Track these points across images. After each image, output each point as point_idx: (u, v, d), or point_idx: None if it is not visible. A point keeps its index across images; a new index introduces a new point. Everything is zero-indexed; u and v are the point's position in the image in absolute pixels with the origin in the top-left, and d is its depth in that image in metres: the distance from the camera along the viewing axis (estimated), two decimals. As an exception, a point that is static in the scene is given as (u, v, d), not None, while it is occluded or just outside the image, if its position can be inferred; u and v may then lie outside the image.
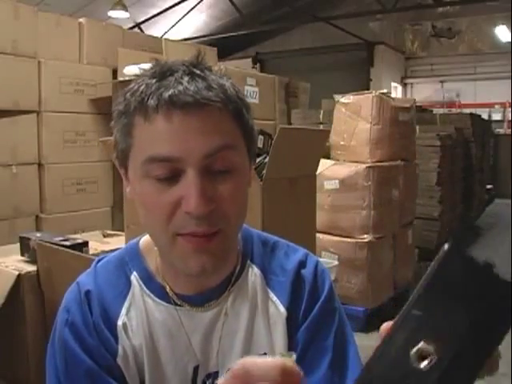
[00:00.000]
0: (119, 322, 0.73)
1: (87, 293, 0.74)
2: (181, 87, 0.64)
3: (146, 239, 0.80)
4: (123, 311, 0.74)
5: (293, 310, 0.79)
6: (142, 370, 0.74)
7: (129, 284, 0.76)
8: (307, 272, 0.81)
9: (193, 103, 0.63)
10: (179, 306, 0.75)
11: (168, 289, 0.75)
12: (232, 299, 0.77)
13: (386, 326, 0.39)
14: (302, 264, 0.82)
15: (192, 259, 0.66)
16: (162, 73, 0.66)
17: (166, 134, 0.64)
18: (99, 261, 0.80)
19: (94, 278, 0.76)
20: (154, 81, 0.65)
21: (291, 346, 0.78)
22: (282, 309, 0.78)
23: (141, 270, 0.77)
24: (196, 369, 0.75)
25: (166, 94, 0.63)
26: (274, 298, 0.79)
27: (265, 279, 0.80)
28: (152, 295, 0.75)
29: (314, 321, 0.78)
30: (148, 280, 0.76)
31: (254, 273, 0.80)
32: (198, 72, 0.66)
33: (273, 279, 0.80)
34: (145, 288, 0.76)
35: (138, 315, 0.74)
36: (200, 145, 0.64)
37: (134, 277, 0.76)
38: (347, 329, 0.80)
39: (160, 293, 0.75)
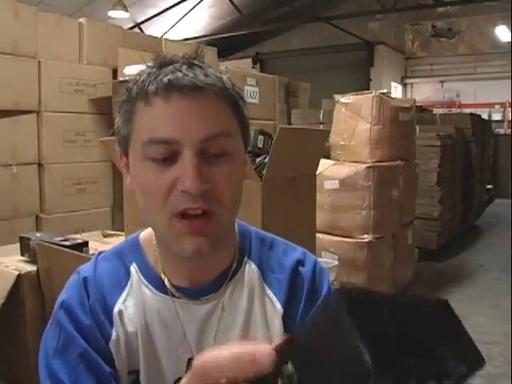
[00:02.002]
0: (115, 309, 0.75)
1: (85, 278, 0.76)
2: (179, 73, 0.67)
3: (146, 233, 0.82)
4: (120, 299, 0.76)
5: (290, 308, 0.79)
6: (133, 357, 0.75)
7: (128, 274, 0.78)
8: (306, 270, 0.82)
9: (191, 86, 0.66)
10: (176, 297, 0.76)
11: (166, 281, 0.77)
12: (229, 294, 0.78)
13: None
14: (301, 262, 0.82)
15: (187, 241, 0.68)
16: (162, 63, 0.70)
17: (165, 117, 0.67)
18: (100, 253, 0.83)
19: (93, 267, 0.79)
20: (155, 69, 0.69)
21: None
22: (279, 305, 0.79)
23: (140, 261, 0.79)
24: (190, 361, 0.76)
25: (166, 78, 0.67)
26: (271, 295, 0.80)
27: (262, 275, 0.81)
28: (150, 286, 0.77)
29: None
30: (147, 271, 0.78)
31: (251, 269, 0.81)
32: (196, 62, 0.70)
33: (270, 276, 0.81)
34: (143, 279, 0.77)
35: (135, 304, 0.76)
36: (198, 129, 0.66)
37: (134, 268, 0.78)
38: None
39: (158, 284, 0.77)
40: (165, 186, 0.67)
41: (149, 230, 0.81)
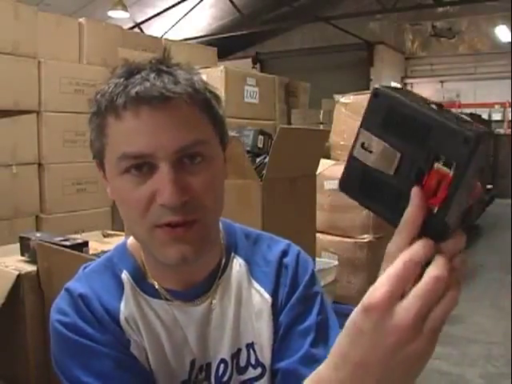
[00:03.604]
0: (121, 317, 0.74)
1: (81, 295, 0.73)
2: (147, 83, 0.65)
3: (133, 239, 0.81)
4: (122, 308, 0.74)
5: (277, 296, 0.80)
6: (148, 361, 0.74)
7: (121, 283, 0.77)
8: (289, 260, 0.83)
9: (159, 97, 0.65)
10: (170, 301, 0.76)
11: (157, 285, 0.76)
12: (220, 292, 0.79)
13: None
14: (285, 253, 0.84)
15: (171, 249, 0.67)
16: (130, 71, 0.68)
17: (136, 131, 0.65)
18: (85, 268, 0.80)
19: (85, 282, 0.76)
20: (122, 80, 0.67)
21: (276, 331, 0.79)
22: (267, 295, 0.80)
23: (130, 268, 0.78)
24: (193, 362, 0.77)
25: (133, 91, 0.65)
26: (258, 287, 0.81)
27: (249, 269, 0.82)
28: (143, 292, 0.76)
29: (295, 303, 0.79)
30: (138, 278, 0.77)
31: (238, 263, 0.82)
32: (164, 68, 0.68)
33: (256, 269, 0.82)
34: (136, 286, 0.76)
35: (135, 311, 0.75)
36: (170, 140, 0.65)
37: (125, 275, 0.77)
38: (329, 313, 0.82)
39: (151, 290, 0.76)
40: (143, 200, 0.66)
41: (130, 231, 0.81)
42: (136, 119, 0.65)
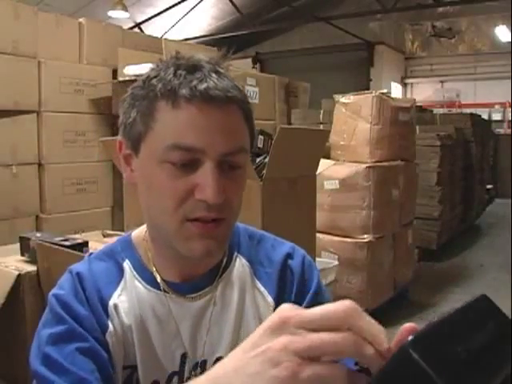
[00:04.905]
0: (110, 302, 0.75)
1: (79, 273, 0.76)
2: (212, 82, 0.67)
3: (137, 232, 0.83)
4: (115, 294, 0.76)
5: (280, 301, 0.80)
6: (129, 352, 0.75)
7: (121, 271, 0.78)
8: (295, 264, 0.83)
9: (224, 99, 0.67)
10: (168, 293, 0.77)
11: (158, 277, 0.78)
12: (221, 289, 0.80)
13: (407, 326, 0.40)
14: (290, 256, 0.84)
15: (198, 243, 0.70)
16: (190, 66, 0.69)
17: (195, 125, 0.67)
18: (91, 254, 0.83)
19: (87, 265, 0.78)
20: (184, 72, 0.68)
21: None
22: (270, 299, 0.81)
23: (133, 258, 0.79)
24: (183, 356, 0.77)
25: (201, 87, 0.67)
26: (262, 289, 0.81)
27: (252, 270, 0.82)
28: (143, 282, 0.78)
29: None
30: (139, 268, 0.79)
31: (241, 263, 0.83)
32: (222, 71, 0.71)
33: (260, 270, 0.83)
34: (136, 275, 0.78)
35: (129, 299, 0.76)
36: (222, 142, 0.68)
37: (127, 264, 0.79)
38: None
39: (150, 280, 0.78)
40: (182, 192, 0.68)
41: (140, 228, 0.82)
42: (198, 114, 0.67)
